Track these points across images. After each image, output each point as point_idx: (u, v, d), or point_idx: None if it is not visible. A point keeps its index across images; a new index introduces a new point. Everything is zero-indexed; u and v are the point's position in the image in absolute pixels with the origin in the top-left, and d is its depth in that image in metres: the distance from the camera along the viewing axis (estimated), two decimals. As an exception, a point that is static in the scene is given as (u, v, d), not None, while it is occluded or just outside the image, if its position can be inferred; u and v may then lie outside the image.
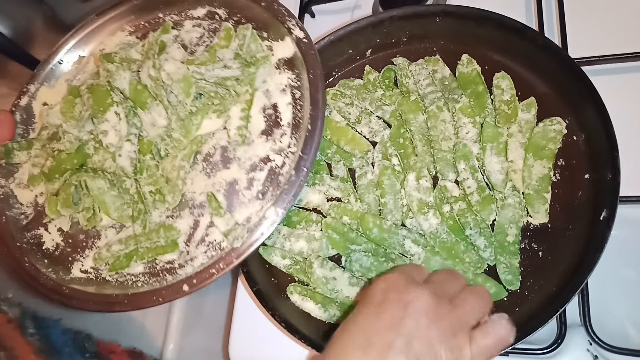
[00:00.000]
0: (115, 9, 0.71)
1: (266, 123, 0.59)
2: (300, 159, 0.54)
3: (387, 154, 0.65)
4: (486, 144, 0.61)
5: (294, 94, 0.59)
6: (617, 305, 0.58)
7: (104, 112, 0.58)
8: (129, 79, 0.59)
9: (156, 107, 0.58)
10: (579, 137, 0.59)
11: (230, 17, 0.66)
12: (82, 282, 0.59)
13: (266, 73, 0.60)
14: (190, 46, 0.65)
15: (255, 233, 0.53)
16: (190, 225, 0.57)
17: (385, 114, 0.68)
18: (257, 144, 0.58)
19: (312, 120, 0.55)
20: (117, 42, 0.69)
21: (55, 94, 0.70)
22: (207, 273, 0.53)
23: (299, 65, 0.59)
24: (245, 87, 0.59)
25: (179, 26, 0.67)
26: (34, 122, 0.69)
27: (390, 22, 0.69)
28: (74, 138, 0.60)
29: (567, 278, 0.53)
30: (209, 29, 0.66)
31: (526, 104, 0.62)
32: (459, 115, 0.64)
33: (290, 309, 0.61)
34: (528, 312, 0.54)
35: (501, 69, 0.64)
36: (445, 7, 0.66)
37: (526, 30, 0.61)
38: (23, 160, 0.66)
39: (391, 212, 0.62)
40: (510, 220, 0.58)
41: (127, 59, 0.61)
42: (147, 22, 0.70)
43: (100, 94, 0.59)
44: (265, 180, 0.56)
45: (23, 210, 0.64)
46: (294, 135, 0.56)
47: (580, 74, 0.57)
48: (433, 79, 0.67)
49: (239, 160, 0.58)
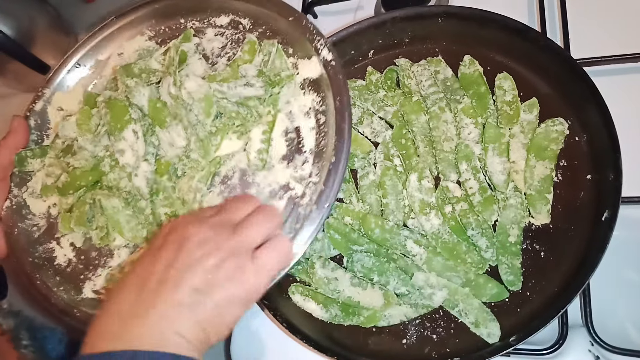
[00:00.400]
0: (136, 11, 0.68)
1: (288, 148, 0.55)
2: (322, 192, 0.50)
3: (389, 155, 0.65)
4: (488, 145, 0.61)
5: (318, 119, 0.55)
6: (618, 305, 0.58)
7: (122, 129, 0.56)
8: (148, 96, 0.57)
9: (175, 127, 0.55)
10: (581, 137, 0.59)
11: (254, 29, 0.62)
12: (93, 305, 0.56)
13: (290, 94, 0.57)
14: (212, 57, 0.63)
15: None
16: None
17: (387, 114, 0.68)
18: (277, 170, 0.55)
19: (337, 152, 0.51)
20: (136, 47, 0.67)
21: (71, 98, 0.68)
22: None
23: (324, 88, 0.55)
24: (267, 108, 0.56)
25: (200, 34, 0.64)
26: (48, 128, 0.66)
27: (392, 23, 0.69)
28: (90, 155, 0.58)
29: (569, 279, 0.53)
30: (232, 39, 0.63)
31: (528, 104, 0.62)
32: (461, 116, 0.64)
33: (292, 309, 0.61)
34: (530, 313, 0.54)
35: (503, 69, 0.64)
36: (448, 8, 0.66)
37: (528, 31, 0.62)
38: (36, 169, 0.63)
39: (393, 212, 0.62)
40: (512, 221, 0.58)
41: (146, 70, 0.59)
42: (167, 27, 0.67)
43: (119, 109, 0.56)
44: (284, 210, 0.52)
45: (35, 221, 0.62)
46: (316, 164, 0.53)
47: (583, 75, 0.57)
48: (435, 79, 0.67)
49: (257, 186, 0.55)
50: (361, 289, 0.59)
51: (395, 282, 0.59)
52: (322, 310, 0.60)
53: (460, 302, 0.56)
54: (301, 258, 0.49)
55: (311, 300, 0.61)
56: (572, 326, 0.55)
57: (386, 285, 0.59)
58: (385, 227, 0.61)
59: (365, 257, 0.60)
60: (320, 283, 0.60)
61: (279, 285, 0.64)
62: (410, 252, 0.59)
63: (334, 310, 0.60)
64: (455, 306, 0.57)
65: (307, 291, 0.61)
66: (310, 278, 0.61)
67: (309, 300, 0.61)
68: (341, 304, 0.60)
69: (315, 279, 0.61)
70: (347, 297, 0.60)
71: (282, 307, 0.61)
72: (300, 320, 0.60)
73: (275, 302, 0.61)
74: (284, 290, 0.63)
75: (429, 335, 0.57)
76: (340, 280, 0.60)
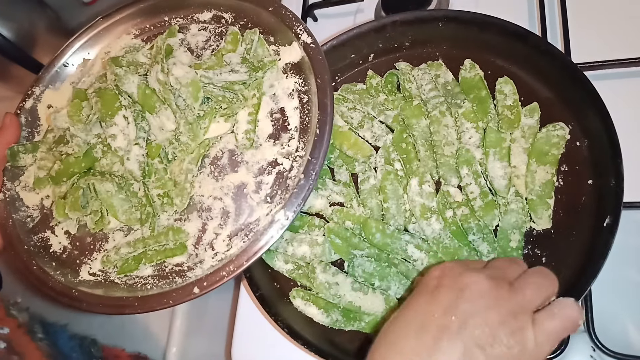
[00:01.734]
0: (121, 11, 0.71)
1: (274, 127, 0.59)
2: (309, 162, 0.54)
3: (390, 159, 0.65)
4: (489, 149, 0.61)
5: (301, 99, 0.59)
6: (620, 311, 0.57)
7: (113, 115, 0.58)
8: (137, 83, 0.59)
9: (164, 111, 0.58)
10: (582, 142, 0.59)
11: (236, 22, 0.66)
12: (90, 285, 0.59)
13: (273, 78, 0.61)
14: (197, 50, 0.66)
15: (265, 236, 0.53)
16: (199, 228, 0.58)
17: (387, 118, 0.68)
18: (265, 148, 0.58)
19: (321, 125, 0.55)
20: (123, 45, 0.70)
21: (60, 96, 0.70)
22: (218, 276, 0.53)
23: (306, 70, 0.59)
24: (252, 92, 0.60)
25: (185, 30, 0.68)
26: (39, 125, 0.69)
27: (392, 27, 0.69)
28: (82, 142, 0.60)
29: (571, 285, 0.52)
30: (215, 33, 0.66)
31: (529, 109, 0.62)
32: (462, 120, 0.64)
33: (293, 314, 0.61)
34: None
35: (504, 74, 0.64)
36: (448, 13, 0.66)
37: (529, 35, 0.61)
38: (28, 163, 0.66)
39: (394, 217, 0.62)
40: (513, 226, 0.58)
41: (134, 62, 0.61)
42: (152, 25, 0.71)
43: (109, 97, 0.59)
44: (274, 183, 0.56)
45: (29, 213, 0.64)
46: (301, 140, 0.57)
47: (583, 80, 0.57)
48: (436, 83, 0.67)
49: (246, 164, 0.58)
50: (362, 293, 0.59)
51: (397, 287, 0.59)
52: (323, 315, 0.60)
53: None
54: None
55: (312, 305, 0.61)
56: (573, 331, 0.55)
57: (387, 290, 0.59)
58: (386, 232, 0.60)
59: (366, 262, 0.60)
60: (321, 288, 0.60)
61: (280, 289, 0.64)
62: (412, 257, 0.59)
63: (335, 315, 0.60)
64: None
65: (308, 296, 0.61)
66: (311, 283, 0.61)
67: (310, 305, 0.61)
68: (342, 309, 0.60)
69: (316, 283, 0.60)
70: (348, 302, 0.59)
71: (283, 312, 0.60)
72: (301, 325, 0.60)
73: (276, 307, 0.61)
74: (285, 294, 0.63)
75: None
76: (341, 285, 0.60)
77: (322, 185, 0.66)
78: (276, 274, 0.64)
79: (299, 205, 0.53)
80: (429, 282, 0.44)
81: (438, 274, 0.44)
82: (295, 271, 0.63)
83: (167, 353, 0.76)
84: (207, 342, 0.80)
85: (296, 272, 0.63)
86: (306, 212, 0.66)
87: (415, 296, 0.44)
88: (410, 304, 0.43)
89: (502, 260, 0.46)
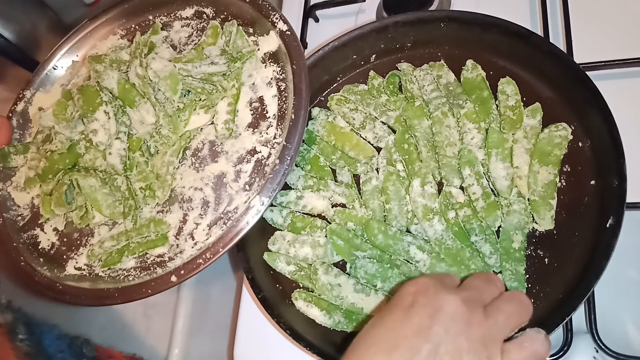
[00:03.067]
0: (107, 13, 0.73)
1: (253, 116, 0.60)
2: (285, 148, 0.55)
3: (392, 160, 0.65)
4: (491, 150, 0.61)
5: (279, 87, 0.60)
6: (623, 311, 0.57)
7: (94, 111, 0.59)
8: (117, 79, 0.60)
9: (144, 105, 0.59)
10: (585, 143, 0.59)
11: (217, 16, 0.68)
12: (75, 279, 0.60)
13: (252, 68, 0.62)
14: (180, 46, 0.68)
15: (241, 222, 0.54)
16: (180, 219, 0.59)
17: (389, 119, 0.68)
18: (244, 137, 0.59)
19: (296, 110, 0.56)
20: (109, 45, 0.71)
21: (50, 99, 0.71)
22: (195, 263, 0.54)
23: (283, 58, 0.60)
24: (231, 82, 0.61)
25: (168, 27, 0.70)
26: (30, 127, 0.71)
27: (394, 27, 0.69)
28: (66, 138, 0.61)
29: (574, 285, 0.52)
30: (197, 28, 0.68)
31: (531, 109, 0.62)
32: (464, 120, 0.64)
33: (295, 315, 0.61)
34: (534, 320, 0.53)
35: (506, 74, 0.64)
36: (450, 13, 0.66)
37: (531, 36, 0.61)
38: (20, 164, 0.67)
39: (396, 218, 0.62)
40: (516, 227, 0.57)
41: (116, 60, 0.63)
42: (137, 24, 0.72)
43: (90, 94, 0.61)
44: (252, 171, 0.57)
45: (20, 212, 0.66)
46: (279, 127, 0.58)
47: (586, 80, 0.57)
48: (438, 84, 0.67)
49: (226, 154, 0.59)
50: (365, 295, 0.59)
51: (399, 288, 0.59)
52: (325, 316, 0.60)
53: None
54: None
55: (314, 306, 0.61)
56: (576, 332, 0.55)
57: (390, 291, 0.59)
58: (388, 233, 0.60)
59: (368, 263, 0.60)
60: (324, 289, 0.60)
61: (282, 290, 0.64)
62: (414, 258, 0.59)
63: (337, 317, 0.60)
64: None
65: (311, 297, 0.61)
66: (313, 284, 0.61)
67: (312, 307, 0.61)
68: (344, 310, 0.60)
69: (318, 285, 0.60)
70: (350, 303, 0.59)
71: (285, 313, 0.60)
72: (304, 326, 0.60)
73: (279, 309, 0.60)
74: (287, 296, 0.63)
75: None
76: (343, 286, 0.60)
77: (324, 187, 0.66)
78: (278, 276, 0.64)
79: (274, 190, 0.54)
80: (404, 298, 0.43)
81: (413, 290, 0.43)
82: (297, 272, 0.63)
83: (169, 355, 0.75)
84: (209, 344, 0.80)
85: (298, 274, 0.63)
86: (308, 214, 0.66)
87: (389, 312, 0.43)
88: (384, 318, 0.43)
89: (478, 280, 0.46)
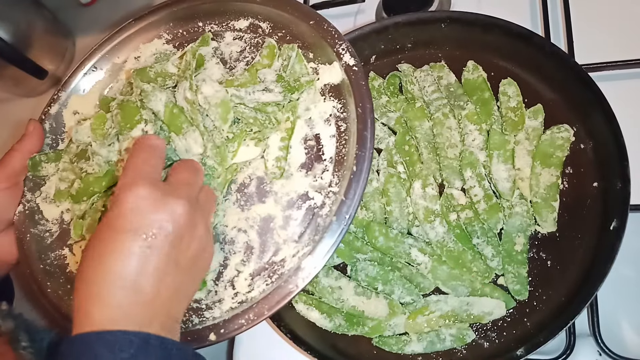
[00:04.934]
0: (153, 14, 0.66)
1: (307, 156, 0.54)
2: (343, 203, 0.49)
3: (393, 162, 0.65)
4: (493, 152, 0.61)
5: (339, 126, 0.53)
6: (627, 314, 0.57)
7: (131, 128, 0.54)
8: (164, 101, 0.55)
9: (192, 133, 0.53)
10: (587, 144, 0.58)
11: (274, 32, 0.61)
12: None
13: (310, 100, 0.55)
14: (230, 61, 0.61)
15: (290, 284, 0.48)
16: (220, 263, 0.53)
17: (390, 120, 0.67)
18: (296, 179, 0.53)
19: (358, 161, 0.49)
20: (154, 50, 0.65)
21: (86, 102, 0.66)
22: (236, 324, 0.49)
23: (346, 94, 0.54)
24: (286, 114, 0.55)
25: (219, 37, 0.63)
26: (63, 132, 0.65)
27: (394, 28, 0.68)
28: (103, 160, 0.56)
29: (577, 289, 0.52)
30: (250, 43, 0.61)
31: (533, 110, 0.61)
32: (465, 122, 0.63)
33: (296, 318, 0.60)
34: (537, 323, 0.53)
35: (507, 75, 0.64)
36: (451, 14, 0.66)
37: (533, 37, 0.61)
38: (50, 173, 0.62)
39: (397, 220, 0.61)
40: (518, 229, 0.57)
41: (162, 74, 0.57)
42: (185, 30, 0.65)
43: (130, 110, 0.55)
44: (303, 220, 0.51)
45: (48, 227, 0.60)
46: (336, 173, 0.52)
47: (588, 81, 0.57)
48: (438, 85, 0.66)
49: (275, 195, 0.53)
50: (365, 298, 0.59)
51: (400, 291, 0.58)
52: (325, 319, 0.59)
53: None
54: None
55: (315, 309, 0.60)
56: (579, 335, 0.55)
57: (391, 294, 0.58)
58: (389, 235, 0.60)
59: (369, 266, 0.60)
60: (324, 292, 0.60)
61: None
62: (415, 260, 0.59)
63: (338, 320, 0.59)
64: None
65: (311, 300, 0.61)
66: (313, 287, 0.60)
67: (312, 310, 0.60)
68: (345, 313, 0.59)
69: (318, 288, 0.60)
70: (351, 306, 0.59)
71: (285, 316, 0.60)
72: (304, 330, 0.60)
73: (279, 312, 0.59)
74: (287, 299, 0.62)
75: (435, 345, 0.57)
76: (344, 289, 0.59)
77: (324, 188, 0.65)
78: (278, 278, 0.63)
79: (328, 252, 0.48)
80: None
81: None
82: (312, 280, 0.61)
83: (167, 358, 0.75)
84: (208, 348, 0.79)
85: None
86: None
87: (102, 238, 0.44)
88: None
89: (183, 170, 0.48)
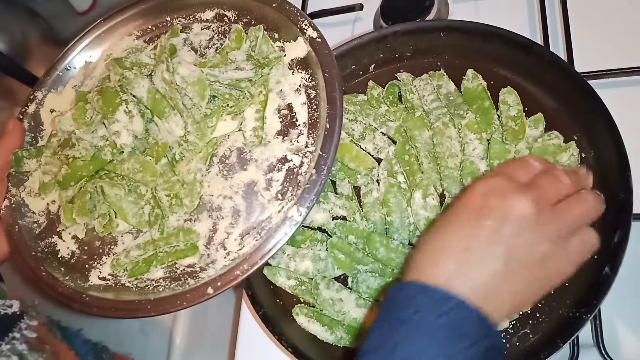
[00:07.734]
0: (122, 13, 0.70)
1: (282, 123, 0.59)
2: (320, 157, 0.53)
3: (393, 171, 0.64)
4: (494, 161, 0.60)
5: (308, 94, 0.59)
6: (631, 325, 0.56)
7: (114, 112, 0.57)
8: (147, 87, 0.59)
9: (173, 117, 0.58)
10: (588, 153, 0.58)
11: (239, 19, 0.65)
12: (101, 290, 0.58)
13: (279, 74, 0.60)
14: (200, 49, 0.65)
15: (278, 233, 0.52)
16: (210, 228, 0.57)
17: (389, 130, 0.67)
18: (274, 145, 0.58)
19: (330, 119, 0.54)
20: (125, 46, 0.69)
21: (62, 100, 0.69)
22: (232, 275, 0.52)
23: (313, 65, 0.59)
24: (259, 89, 0.60)
25: (187, 29, 0.67)
26: (42, 130, 0.68)
27: (394, 37, 0.68)
28: (89, 145, 0.59)
29: (580, 301, 0.51)
30: (218, 31, 0.66)
31: (534, 120, 0.61)
32: (465, 131, 0.63)
33: (297, 331, 0.60)
34: (540, 337, 0.53)
35: (507, 84, 0.63)
36: (451, 23, 0.66)
37: (533, 46, 0.61)
38: (33, 169, 0.65)
39: (398, 231, 0.61)
40: (520, 239, 0.57)
41: (137, 63, 0.61)
42: (154, 26, 0.70)
43: (109, 94, 0.58)
44: (284, 180, 0.56)
45: (35, 218, 0.63)
46: (311, 135, 0.56)
47: (589, 90, 0.57)
48: (438, 94, 0.66)
49: (255, 162, 0.58)
50: (367, 310, 0.58)
51: (402, 302, 0.57)
52: (327, 332, 0.59)
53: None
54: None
55: (316, 322, 0.59)
56: (582, 346, 0.54)
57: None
58: (390, 246, 0.59)
59: (370, 277, 0.59)
60: (325, 304, 0.59)
61: (282, 306, 0.63)
62: (417, 271, 0.58)
63: (339, 333, 0.59)
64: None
65: (312, 313, 0.60)
66: (314, 299, 0.60)
67: (313, 322, 0.60)
68: (347, 326, 0.59)
69: (319, 300, 0.59)
70: (352, 318, 0.58)
71: (286, 330, 0.59)
72: (305, 343, 0.59)
73: (279, 325, 0.59)
74: (288, 311, 0.61)
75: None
76: (345, 301, 0.59)
77: (324, 199, 0.65)
78: (278, 290, 0.63)
79: (312, 201, 0.52)
80: (475, 200, 0.44)
81: (484, 191, 0.44)
82: (298, 287, 0.61)
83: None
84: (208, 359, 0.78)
85: (299, 288, 0.61)
86: (308, 227, 0.65)
87: (457, 213, 0.44)
88: (454, 220, 0.44)
89: (548, 179, 0.45)
